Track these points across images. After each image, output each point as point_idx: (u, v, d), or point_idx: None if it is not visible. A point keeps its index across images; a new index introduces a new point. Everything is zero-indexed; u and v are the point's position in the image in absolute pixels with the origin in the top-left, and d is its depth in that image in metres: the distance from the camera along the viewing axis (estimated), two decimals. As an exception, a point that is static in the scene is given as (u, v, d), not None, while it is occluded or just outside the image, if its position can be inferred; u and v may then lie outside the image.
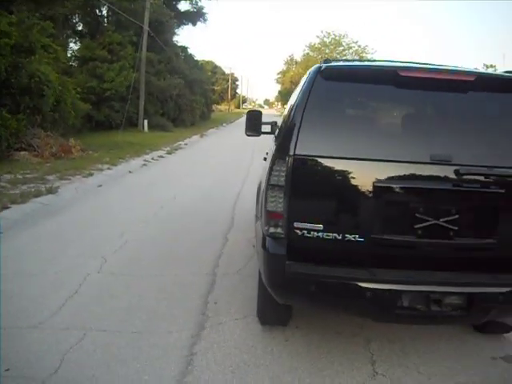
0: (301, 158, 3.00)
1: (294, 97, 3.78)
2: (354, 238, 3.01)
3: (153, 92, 28.70)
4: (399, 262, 3.07)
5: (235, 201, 9.10)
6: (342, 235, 3.01)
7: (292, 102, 3.69)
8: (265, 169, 3.59)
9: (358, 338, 3.85)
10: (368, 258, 3.05)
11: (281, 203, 3.03)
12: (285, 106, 8.43)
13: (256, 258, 4.00)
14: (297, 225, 3.04)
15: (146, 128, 26.72)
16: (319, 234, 3.01)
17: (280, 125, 4.14)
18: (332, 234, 3.01)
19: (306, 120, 3.03)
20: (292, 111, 3.24)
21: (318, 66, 3.34)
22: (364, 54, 57.37)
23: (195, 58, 42.68)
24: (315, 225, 3.01)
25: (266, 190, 3.12)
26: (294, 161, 2.99)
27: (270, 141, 4.56)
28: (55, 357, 3.36)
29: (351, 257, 3.05)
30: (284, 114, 4.37)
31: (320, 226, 3.00)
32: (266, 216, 3.14)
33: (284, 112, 4.87)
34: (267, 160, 3.64)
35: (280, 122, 4.38)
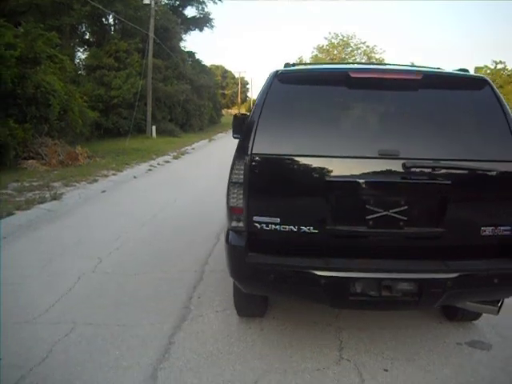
0: (258, 157, 3.25)
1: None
2: (309, 229, 3.25)
3: (160, 98, 29.10)
4: (352, 251, 3.31)
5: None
6: (297, 227, 3.25)
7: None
8: None
9: (330, 328, 4.09)
10: (323, 248, 3.28)
11: (241, 199, 3.29)
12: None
13: None
14: (256, 219, 3.29)
15: (155, 134, 27.06)
16: (277, 227, 3.26)
17: None
18: (288, 227, 3.25)
19: (262, 122, 3.28)
20: (251, 114, 3.48)
21: (276, 70, 3.59)
22: (373, 54, 57.39)
23: (203, 63, 43.06)
24: (272, 218, 3.26)
25: (228, 187, 3.37)
26: (251, 159, 3.24)
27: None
28: (44, 348, 3.65)
29: (307, 247, 3.28)
30: None
31: (277, 220, 3.25)
32: (228, 211, 3.40)
33: None
34: None
35: None
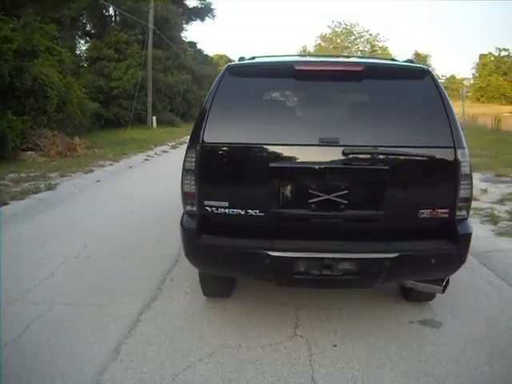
0: (207, 146, 3.53)
1: None
2: (256, 212, 3.52)
3: (161, 88, 29.38)
4: (296, 232, 3.58)
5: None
6: (245, 211, 3.52)
7: None
8: None
9: (289, 307, 4.34)
10: (269, 229, 3.55)
11: (193, 185, 3.57)
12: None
13: None
14: (206, 203, 3.57)
15: (155, 124, 27.38)
16: (226, 211, 3.54)
17: None
18: (236, 210, 3.53)
19: (212, 112, 3.56)
20: (204, 105, 3.75)
21: (228, 64, 3.87)
22: (376, 42, 57.40)
23: (205, 53, 43.31)
24: (221, 202, 3.54)
25: (182, 174, 3.64)
26: (201, 148, 3.52)
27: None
28: (20, 326, 3.94)
29: (254, 229, 3.55)
30: None
31: (226, 204, 3.53)
32: (182, 196, 3.69)
33: None
34: None
35: None
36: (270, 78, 3.83)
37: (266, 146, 3.51)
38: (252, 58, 4.47)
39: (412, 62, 4.15)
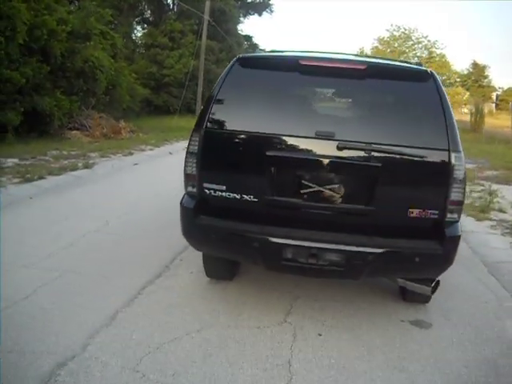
0: (210, 131, 3.72)
1: None
2: (250, 198, 3.67)
3: (212, 79, 29.50)
4: (287, 220, 3.69)
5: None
6: (240, 195, 3.69)
7: None
8: None
9: (288, 295, 4.46)
10: (261, 215, 3.69)
11: (195, 167, 3.75)
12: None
13: None
14: (206, 185, 3.76)
15: (203, 114, 27.65)
16: (223, 194, 3.71)
17: None
18: (232, 194, 3.70)
19: (218, 100, 3.75)
20: (212, 91, 3.92)
21: (238, 55, 4.03)
22: (434, 48, 56.10)
23: (261, 48, 43.28)
24: (219, 186, 3.71)
25: (185, 156, 3.83)
26: (204, 133, 3.71)
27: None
28: (31, 288, 4.24)
29: (248, 214, 3.71)
30: None
31: (223, 187, 3.70)
32: (184, 178, 3.88)
33: None
34: None
35: None
36: (275, 71, 3.96)
37: (265, 136, 3.66)
38: (272, 51, 4.60)
39: (420, 65, 4.20)
